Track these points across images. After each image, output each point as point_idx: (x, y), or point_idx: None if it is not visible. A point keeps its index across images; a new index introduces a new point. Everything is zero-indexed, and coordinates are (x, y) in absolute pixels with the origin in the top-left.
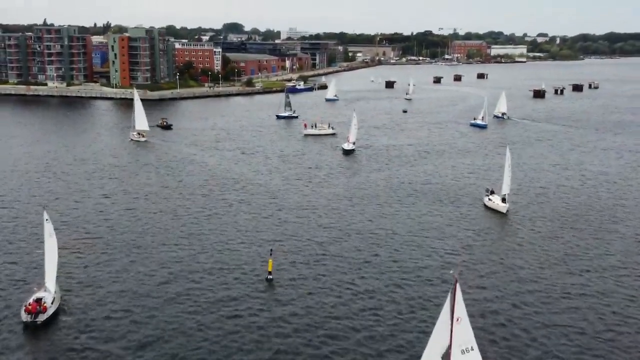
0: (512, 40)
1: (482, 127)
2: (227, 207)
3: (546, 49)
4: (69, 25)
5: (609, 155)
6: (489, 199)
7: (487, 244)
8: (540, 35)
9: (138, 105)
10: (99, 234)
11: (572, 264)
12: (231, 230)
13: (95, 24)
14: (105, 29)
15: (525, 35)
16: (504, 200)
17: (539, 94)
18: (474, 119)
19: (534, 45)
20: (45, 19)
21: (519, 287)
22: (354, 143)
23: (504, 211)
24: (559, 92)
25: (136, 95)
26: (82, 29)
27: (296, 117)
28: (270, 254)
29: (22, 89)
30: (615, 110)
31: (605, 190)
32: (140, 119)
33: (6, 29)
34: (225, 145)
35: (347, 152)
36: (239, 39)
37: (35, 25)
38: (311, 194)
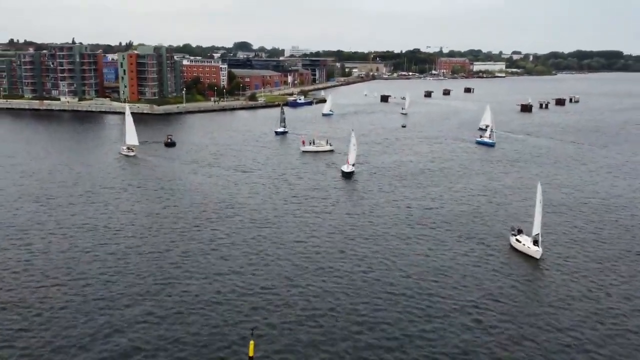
0: (490, 57)
1: (490, 145)
2: (216, 243)
3: (522, 65)
4: (80, 44)
5: (616, 173)
6: (517, 240)
7: (526, 305)
8: (514, 52)
9: (129, 120)
10: (61, 280)
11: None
12: (217, 278)
13: (120, 43)
14: (128, 47)
15: (501, 53)
16: (535, 242)
17: (526, 108)
18: (480, 136)
19: (510, 62)
20: (73, 38)
21: None
22: (353, 165)
23: (538, 257)
24: (543, 106)
25: (127, 110)
26: (108, 47)
27: (287, 132)
28: (252, 334)
29: (35, 104)
30: (604, 124)
31: (630, 215)
32: (131, 134)
33: (40, 47)
34: (224, 162)
35: (347, 175)
36: (246, 56)
37: (67, 44)
38: (312, 224)
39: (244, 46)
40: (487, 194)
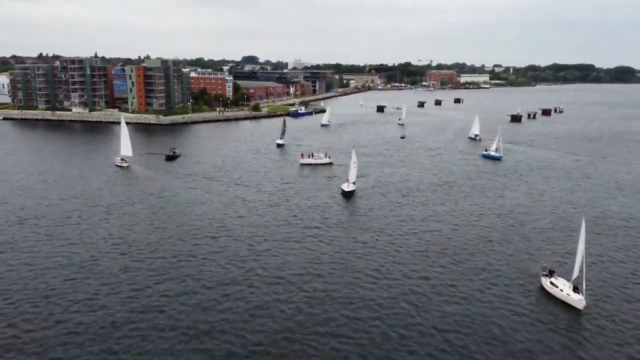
0: (474, 70)
1: (497, 158)
2: (207, 278)
3: (504, 77)
4: (91, 57)
5: (621, 188)
6: (551, 284)
7: None
8: (496, 65)
9: (124, 131)
10: (28, 321)
11: None
12: (207, 328)
13: (139, 57)
14: (144, 60)
15: (483, 66)
16: (576, 289)
17: (515, 118)
18: (486, 150)
19: (493, 74)
20: (95, 52)
21: None
22: (354, 183)
23: (580, 307)
24: (531, 116)
25: (123, 121)
26: (127, 60)
27: (284, 144)
28: None
29: (47, 114)
30: (596, 135)
31: None
32: (126, 145)
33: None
34: (224, 176)
35: (347, 194)
36: (252, 69)
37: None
38: (313, 252)
39: (251, 59)
40: (502, 215)
